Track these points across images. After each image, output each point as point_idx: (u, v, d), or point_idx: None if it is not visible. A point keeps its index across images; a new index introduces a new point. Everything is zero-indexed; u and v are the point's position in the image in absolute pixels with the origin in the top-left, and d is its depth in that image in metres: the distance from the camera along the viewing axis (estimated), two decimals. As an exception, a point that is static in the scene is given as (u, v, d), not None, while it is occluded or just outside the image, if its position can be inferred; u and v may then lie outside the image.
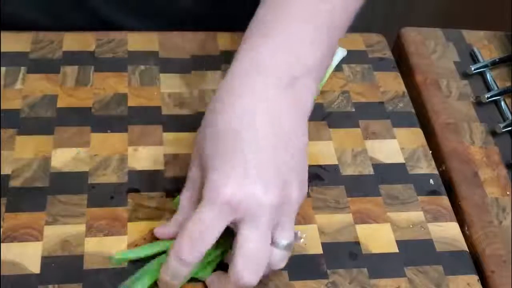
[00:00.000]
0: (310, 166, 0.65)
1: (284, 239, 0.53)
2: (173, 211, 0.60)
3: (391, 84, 0.75)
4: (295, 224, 0.60)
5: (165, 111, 0.68)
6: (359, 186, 0.65)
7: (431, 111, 0.73)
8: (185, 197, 0.55)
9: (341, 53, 0.74)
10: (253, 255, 0.50)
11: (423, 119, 0.73)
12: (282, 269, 0.57)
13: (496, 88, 0.76)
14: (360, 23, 0.68)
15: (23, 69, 0.70)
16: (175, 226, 0.55)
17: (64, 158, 0.63)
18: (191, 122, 0.68)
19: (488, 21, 0.96)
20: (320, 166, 0.66)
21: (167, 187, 0.62)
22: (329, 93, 0.73)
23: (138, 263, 0.56)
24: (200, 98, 0.70)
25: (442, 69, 0.78)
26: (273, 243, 0.52)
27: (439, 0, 1.56)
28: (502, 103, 0.75)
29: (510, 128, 0.72)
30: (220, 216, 0.50)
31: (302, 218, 0.61)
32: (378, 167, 0.67)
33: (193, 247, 0.50)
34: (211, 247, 0.50)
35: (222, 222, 0.50)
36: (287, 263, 0.57)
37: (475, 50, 0.80)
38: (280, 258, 0.53)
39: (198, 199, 0.52)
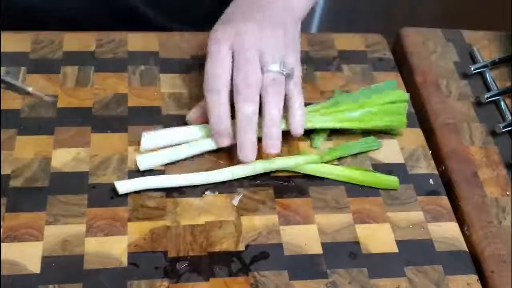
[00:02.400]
0: (310, 166, 0.65)
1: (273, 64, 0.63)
2: (174, 212, 0.60)
3: (391, 84, 0.75)
4: (294, 224, 0.60)
5: (165, 111, 0.68)
6: (359, 186, 0.65)
7: (431, 111, 0.73)
8: None
9: None
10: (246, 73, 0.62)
11: (423, 119, 0.73)
12: (282, 269, 0.57)
13: (495, 88, 0.76)
14: (360, 23, 0.68)
15: (23, 69, 0.70)
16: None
17: (64, 158, 0.63)
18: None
19: (488, 21, 0.95)
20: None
21: (167, 187, 0.62)
22: (329, 93, 0.73)
23: (139, 263, 0.56)
24: (200, 98, 0.70)
25: (442, 69, 0.78)
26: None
27: (439, 0, 1.56)
28: (502, 103, 0.75)
29: (509, 128, 0.72)
30: (218, 56, 0.64)
31: (302, 218, 0.61)
32: (378, 167, 0.67)
33: (214, 79, 0.63)
34: None
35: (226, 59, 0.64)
36: (288, 263, 0.57)
37: (475, 50, 0.80)
38: (271, 79, 0.63)
39: None
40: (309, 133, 0.68)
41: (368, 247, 0.60)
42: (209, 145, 0.64)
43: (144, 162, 0.63)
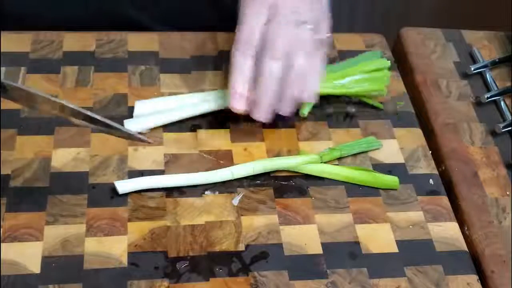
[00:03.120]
0: (310, 166, 0.66)
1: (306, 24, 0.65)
2: (174, 212, 0.60)
3: (391, 84, 0.75)
4: (294, 224, 0.60)
5: (165, 111, 0.68)
6: (359, 186, 0.65)
7: (431, 111, 0.73)
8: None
9: None
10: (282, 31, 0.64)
11: (423, 119, 0.73)
12: (282, 269, 0.57)
13: (495, 88, 0.76)
14: (360, 23, 0.69)
15: (23, 69, 0.70)
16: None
17: (64, 158, 0.63)
18: (191, 123, 0.68)
19: (488, 21, 0.95)
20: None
21: (167, 187, 0.62)
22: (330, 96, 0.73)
23: (139, 263, 0.56)
24: (200, 98, 0.70)
25: (442, 69, 0.78)
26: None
27: (439, 0, 1.55)
28: (502, 103, 0.75)
29: (509, 128, 0.72)
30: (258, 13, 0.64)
31: (302, 218, 0.61)
32: (378, 167, 0.67)
33: (248, 39, 0.64)
34: None
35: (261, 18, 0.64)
36: (288, 263, 0.57)
37: (475, 50, 0.80)
38: (305, 37, 0.64)
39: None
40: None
41: (368, 247, 0.60)
42: (207, 107, 0.67)
43: (131, 125, 0.65)
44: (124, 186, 0.60)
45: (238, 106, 0.64)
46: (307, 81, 0.65)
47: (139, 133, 0.65)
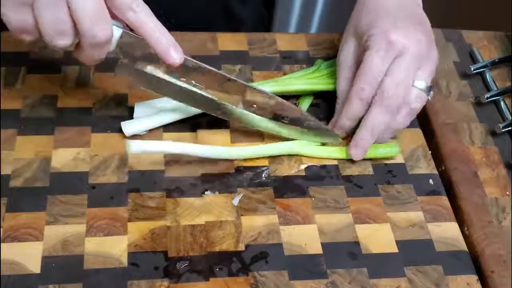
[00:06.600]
0: (309, 166, 0.66)
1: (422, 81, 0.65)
2: (174, 212, 0.60)
3: (391, 84, 0.75)
4: (294, 224, 0.60)
5: (165, 111, 0.68)
6: (359, 186, 0.65)
7: (430, 111, 0.73)
8: (343, 77, 0.67)
9: None
10: (401, 81, 0.63)
11: (423, 119, 0.73)
12: (282, 269, 0.57)
13: (495, 88, 0.76)
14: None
15: (23, 69, 0.70)
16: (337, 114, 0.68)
17: (64, 158, 0.63)
18: (191, 122, 0.68)
19: (488, 21, 0.95)
20: (320, 166, 0.66)
21: (167, 187, 0.62)
22: (329, 94, 0.73)
23: (139, 263, 0.56)
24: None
25: (442, 69, 0.78)
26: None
27: (438, 0, 1.55)
28: (502, 103, 0.75)
29: (509, 128, 0.72)
30: (385, 56, 0.63)
31: (302, 218, 0.61)
32: (378, 167, 0.67)
33: (371, 86, 0.63)
34: None
35: (387, 63, 0.63)
36: (288, 263, 0.57)
37: (475, 50, 0.80)
38: (416, 95, 0.65)
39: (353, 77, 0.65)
40: (296, 100, 0.71)
41: (368, 247, 0.60)
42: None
43: (131, 126, 0.65)
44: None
45: (357, 155, 0.66)
46: (390, 133, 0.67)
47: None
